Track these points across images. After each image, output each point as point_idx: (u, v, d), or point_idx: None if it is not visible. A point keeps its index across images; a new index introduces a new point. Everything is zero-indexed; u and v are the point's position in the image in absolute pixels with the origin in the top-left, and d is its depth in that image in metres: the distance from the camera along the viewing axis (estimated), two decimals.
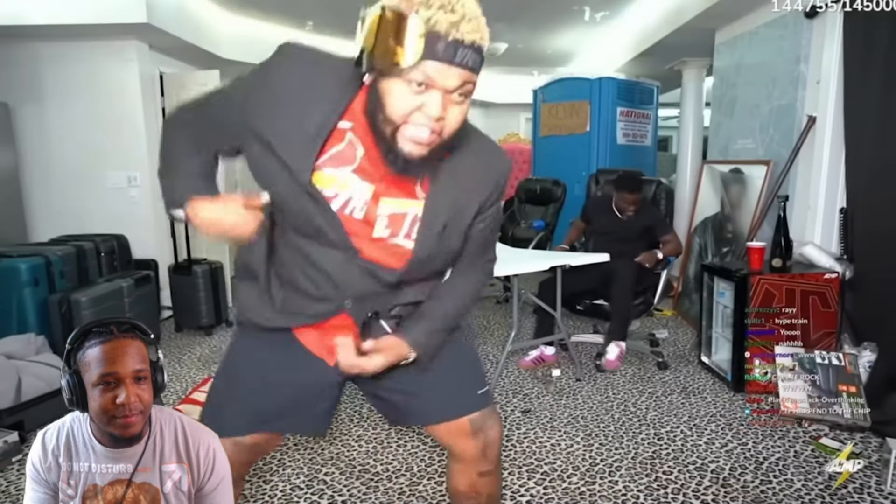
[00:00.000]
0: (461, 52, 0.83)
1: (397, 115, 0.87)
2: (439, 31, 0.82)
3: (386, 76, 0.86)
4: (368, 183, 0.99)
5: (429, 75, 0.84)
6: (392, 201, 1.01)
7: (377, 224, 1.02)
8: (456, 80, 0.85)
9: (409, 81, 0.85)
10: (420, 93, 0.86)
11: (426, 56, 0.82)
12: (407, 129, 0.88)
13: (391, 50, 0.82)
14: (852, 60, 2.69)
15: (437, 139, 0.90)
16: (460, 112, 0.90)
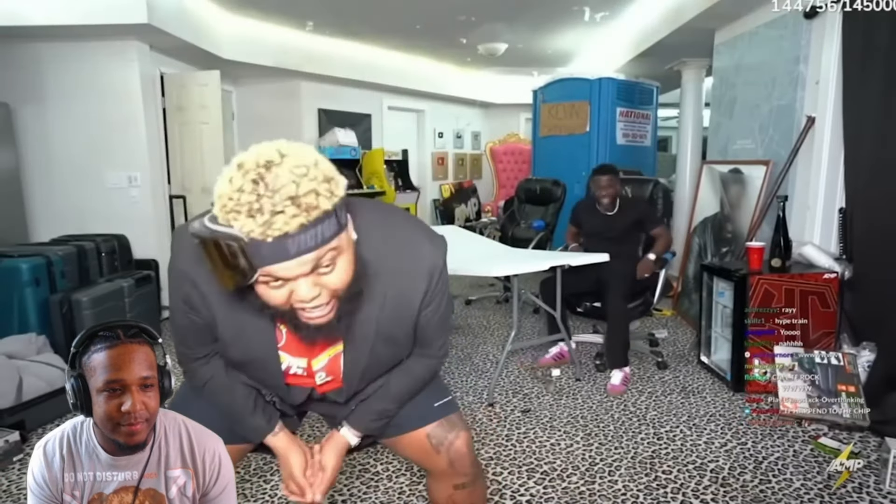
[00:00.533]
0: (292, 244, 0.77)
1: (280, 304, 0.86)
2: (256, 239, 0.76)
3: None
4: (297, 357, 1.09)
5: (276, 276, 0.81)
6: (322, 357, 1.10)
7: (317, 377, 1.13)
8: (306, 266, 0.81)
9: (265, 283, 0.83)
10: (282, 286, 0.83)
11: (259, 264, 0.78)
12: (298, 310, 0.88)
13: (224, 273, 0.79)
14: (851, 61, 2.69)
15: (335, 302, 0.89)
16: (339, 273, 0.86)
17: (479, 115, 8.78)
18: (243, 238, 0.76)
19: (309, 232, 0.78)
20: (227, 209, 0.76)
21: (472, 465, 1.24)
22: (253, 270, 0.78)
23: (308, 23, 5.26)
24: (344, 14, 4.99)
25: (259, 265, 0.78)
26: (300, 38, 5.54)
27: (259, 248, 0.77)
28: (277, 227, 0.75)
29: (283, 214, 0.75)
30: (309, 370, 1.12)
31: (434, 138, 8.04)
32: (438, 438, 1.21)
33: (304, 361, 1.10)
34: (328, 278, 0.85)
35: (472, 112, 8.60)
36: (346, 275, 0.87)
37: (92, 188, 3.98)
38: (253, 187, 0.75)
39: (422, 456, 1.24)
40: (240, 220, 0.75)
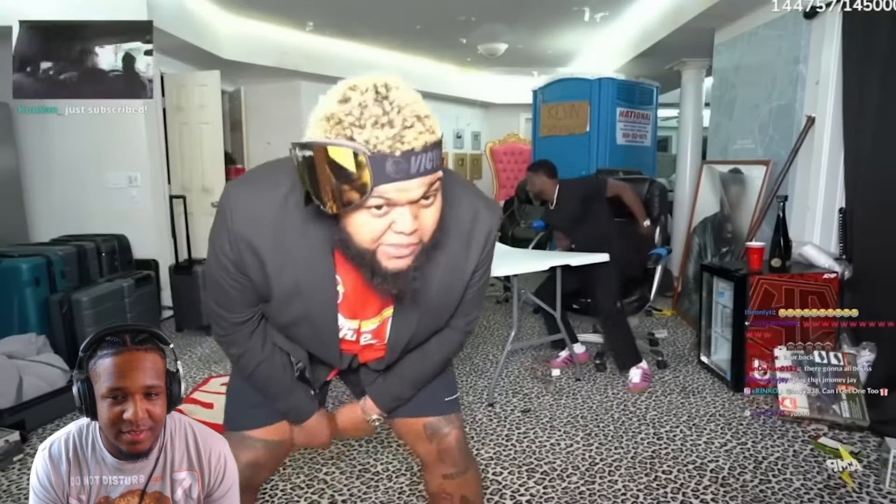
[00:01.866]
0: (415, 161, 0.75)
1: (369, 242, 0.82)
2: (383, 151, 0.74)
3: None
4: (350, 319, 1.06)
5: (388, 198, 0.77)
6: (374, 321, 1.07)
7: (362, 338, 1.10)
8: (419, 190, 0.78)
9: (368, 209, 0.79)
10: (384, 214, 0.79)
11: (377, 181, 0.74)
12: (383, 250, 0.83)
13: (336, 189, 0.75)
14: (851, 61, 2.69)
15: (418, 246, 0.85)
16: (434, 210, 0.84)
17: (479, 115, 8.78)
18: (367, 151, 0.73)
19: (429, 154, 0.76)
20: (346, 124, 0.74)
21: (461, 458, 1.28)
22: (370, 187, 0.74)
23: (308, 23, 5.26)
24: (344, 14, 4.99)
25: (378, 183, 0.74)
26: (300, 38, 5.54)
27: (382, 164, 0.74)
28: (407, 140, 0.74)
29: (412, 129, 0.74)
30: (358, 332, 1.08)
31: None
32: (434, 429, 1.25)
33: (355, 324, 1.06)
34: (425, 213, 0.82)
35: (472, 112, 8.61)
36: (437, 215, 0.85)
37: (92, 188, 3.98)
38: (377, 102, 0.74)
39: (414, 440, 1.28)
40: (365, 133, 0.73)
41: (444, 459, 1.26)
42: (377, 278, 0.86)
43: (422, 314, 1.04)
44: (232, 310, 1.05)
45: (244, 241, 0.93)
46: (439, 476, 1.28)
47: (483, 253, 1.03)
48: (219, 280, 1.00)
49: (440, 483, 1.29)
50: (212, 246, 0.99)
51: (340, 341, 1.08)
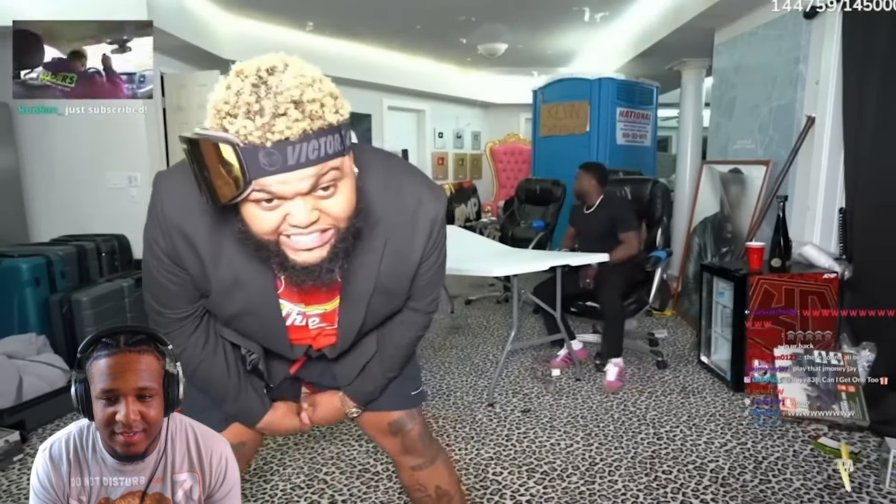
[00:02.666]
0: (291, 152, 0.70)
1: (266, 233, 0.78)
2: (254, 143, 0.69)
3: None
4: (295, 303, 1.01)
5: (271, 191, 0.73)
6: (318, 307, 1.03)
7: (310, 323, 1.05)
8: (305, 182, 0.73)
9: (256, 202, 0.75)
10: (275, 207, 0.75)
11: (253, 174, 0.70)
12: (285, 241, 0.79)
13: (214, 183, 0.71)
14: (851, 61, 2.69)
15: (330, 234, 0.80)
16: (340, 199, 0.78)
17: (479, 115, 8.78)
18: (238, 142, 0.69)
19: (311, 143, 0.71)
20: (222, 114, 0.70)
21: (426, 449, 1.29)
22: (247, 181, 0.70)
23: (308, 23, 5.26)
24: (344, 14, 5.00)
25: (254, 176, 0.70)
26: (300, 38, 5.54)
27: (255, 156, 0.69)
28: (278, 129, 0.69)
29: (285, 117, 0.69)
30: (305, 316, 1.05)
31: (434, 138, 8.04)
32: (398, 425, 1.25)
33: (301, 307, 1.02)
34: (328, 203, 0.77)
35: (472, 112, 8.61)
36: (347, 203, 0.79)
37: (92, 188, 3.98)
38: (253, 90, 0.70)
39: (378, 435, 1.29)
40: (236, 123, 0.69)
41: (409, 452, 1.27)
42: (287, 271, 0.82)
43: (370, 299, 1.01)
44: (169, 305, 1.01)
45: (177, 231, 0.90)
46: (408, 468, 1.30)
47: (430, 241, 1.00)
48: (154, 274, 0.97)
49: (410, 475, 1.30)
50: (146, 239, 0.95)
51: (289, 328, 1.04)
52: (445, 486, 1.32)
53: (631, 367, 3.15)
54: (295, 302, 1.01)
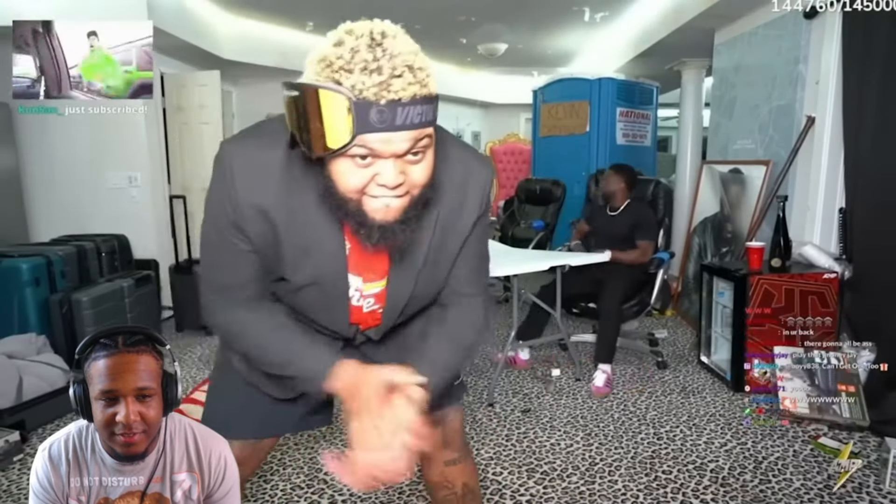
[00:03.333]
0: (401, 113, 0.73)
1: (352, 191, 0.80)
2: (368, 98, 0.72)
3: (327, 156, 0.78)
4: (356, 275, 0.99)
5: (371, 148, 0.75)
6: (376, 283, 1.01)
7: (365, 304, 1.03)
8: (404, 143, 0.76)
9: (352, 157, 0.76)
10: (368, 165, 0.77)
11: (360, 129, 0.73)
12: (368, 201, 0.81)
13: (319, 133, 0.74)
14: (851, 61, 2.69)
15: (408, 200, 0.82)
16: (424, 167, 0.81)
17: (479, 115, 8.78)
18: (352, 96, 0.72)
19: (417, 107, 0.74)
20: (335, 67, 0.72)
21: (462, 443, 1.27)
22: (352, 134, 0.73)
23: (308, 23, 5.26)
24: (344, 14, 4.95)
25: (362, 131, 0.73)
26: (300, 38, 5.54)
27: (367, 111, 0.72)
28: (394, 89, 0.72)
29: (401, 79, 0.72)
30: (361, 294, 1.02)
31: None
32: (441, 415, 1.20)
33: (359, 282, 1.00)
34: (414, 169, 0.80)
35: (472, 112, 8.61)
36: (429, 171, 0.82)
37: (92, 188, 3.98)
38: (369, 49, 0.72)
39: None
40: (352, 78, 0.71)
41: (448, 444, 1.23)
42: (363, 230, 0.83)
43: (419, 271, 1.00)
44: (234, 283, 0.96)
45: (247, 199, 0.88)
46: (441, 464, 1.25)
47: (481, 208, 1.01)
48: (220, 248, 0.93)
49: (442, 471, 1.26)
50: (209, 212, 0.92)
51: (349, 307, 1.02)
52: (472, 484, 1.30)
53: (631, 367, 3.15)
54: (357, 273, 0.99)
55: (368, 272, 0.99)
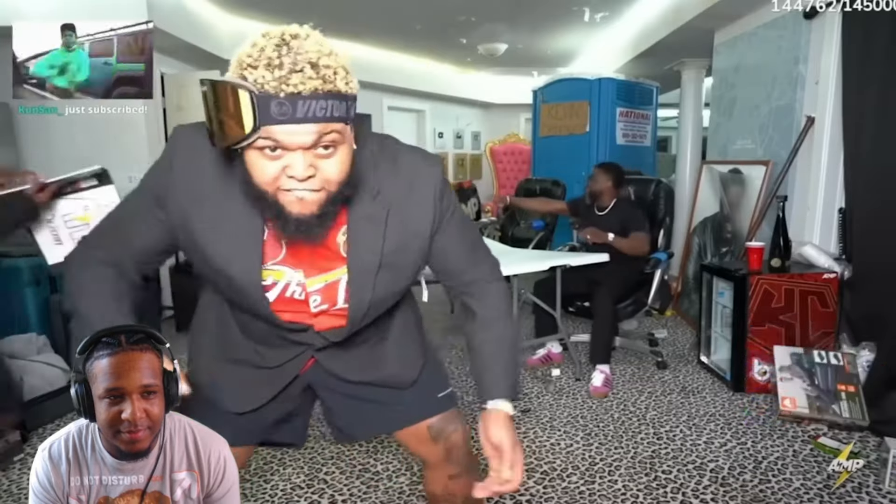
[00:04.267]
0: (301, 106, 0.77)
1: (267, 182, 0.84)
2: (269, 92, 0.77)
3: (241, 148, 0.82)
4: (296, 269, 1.01)
5: (277, 140, 0.79)
6: (319, 278, 1.02)
7: (311, 301, 1.04)
8: (308, 136, 0.80)
9: (260, 149, 0.81)
10: (277, 157, 0.81)
11: (264, 121, 0.77)
12: (283, 194, 0.85)
13: (226, 124, 0.79)
14: (851, 61, 2.69)
15: (323, 195, 0.86)
16: (336, 162, 0.84)
17: (479, 115, 8.78)
18: (255, 90, 0.77)
19: (320, 102, 0.79)
20: (244, 65, 0.78)
21: (465, 457, 1.26)
22: (256, 126, 0.78)
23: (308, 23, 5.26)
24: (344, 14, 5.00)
25: (264, 123, 0.78)
26: None
27: (268, 104, 0.77)
28: (293, 82, 0.77)
29: (300, 73, 0.77)
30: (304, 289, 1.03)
31: (434, 138, 8.04)
32: (437, 430, 1.22)
33: (300, 275, 1.01)
34: (325, 163, 0.84)
35: (472, 112, 8.61)
36: (342, 167, 0.86)
37: None
38: (276, 48, 0.78)
39: (419, 445, 1.26)
40: (255, 73, 0.77)
41: (450, 459, 1.24)
42: (279, 221, 0.87)
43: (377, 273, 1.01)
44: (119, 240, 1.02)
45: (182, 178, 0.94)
46: (445, 477, 1.26)
47: (437, 208, 1.02)
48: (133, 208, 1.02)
49: (446, 485, 1.26)
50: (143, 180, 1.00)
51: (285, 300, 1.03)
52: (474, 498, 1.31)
53: (631, 367, 3.15)
54: (294, 267, 1.01)
55: (310, 267, 1.01)
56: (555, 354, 3.21)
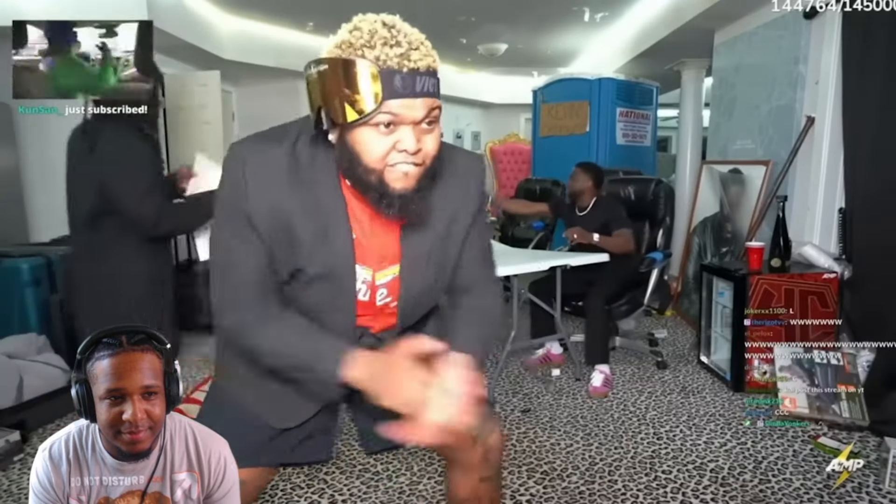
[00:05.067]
0: (419, 80, 0.83)
1: (376, 161, 0.87)
2: (392, 67, 0.81)
3: (350, 128, 0.85)
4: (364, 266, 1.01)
5: (394, 113, 0.83)
6: (388, 271, 1.04)
7: (377, 296, 1.05)
8: (422, 110, 0.85)
9: (376, 125, 0.84)
10: (390, 132, 0.85)
11: (386, 96, 0.82)
12: (389, 171, 0.88)
13: (349, 100, 0.82)
14: (851, 61, 2.69)
15: (422, 169, 0.90)
16: (434, 138, 0.90)
17: (479, 115, 8.78)
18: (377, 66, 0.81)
19: (432, 78, 0.84)
20: (357, 46, 0.82)
21: (499, 460, 1.27)
22: (380, 99, 0.81)
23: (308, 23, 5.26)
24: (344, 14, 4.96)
25: (388, 97, 0.81)
26: (300, 38, 5.55)
27: (391, 79, 0.81)
28: (414, 58, 0.82)
29: (417, 51, 0.83)
30: (372, 285, 1.03)
31: None
32: (479, 431, 1.18)
33: (368, 273, 1.02)
34: (428, 138, 0.88)
35: (472, 112, 8.61)
36: (438, 143, 0.91)
37: None
38: (387, 28, 0.83)
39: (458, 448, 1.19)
40: (375, 51, 0.81)
41: (487, 460, 1.21)
42: (385, 200, 0.89)
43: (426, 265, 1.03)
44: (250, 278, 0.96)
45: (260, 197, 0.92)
46: (476, 479, 1.22)
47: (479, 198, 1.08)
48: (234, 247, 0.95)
49: (476, 487, 1.23)
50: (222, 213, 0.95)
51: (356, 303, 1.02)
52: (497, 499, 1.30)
53: (631, 367, 3.15)
54: (364, 264, 1.01)
55: (378, 259, 1.02)
56: (554, 355, 3.22)
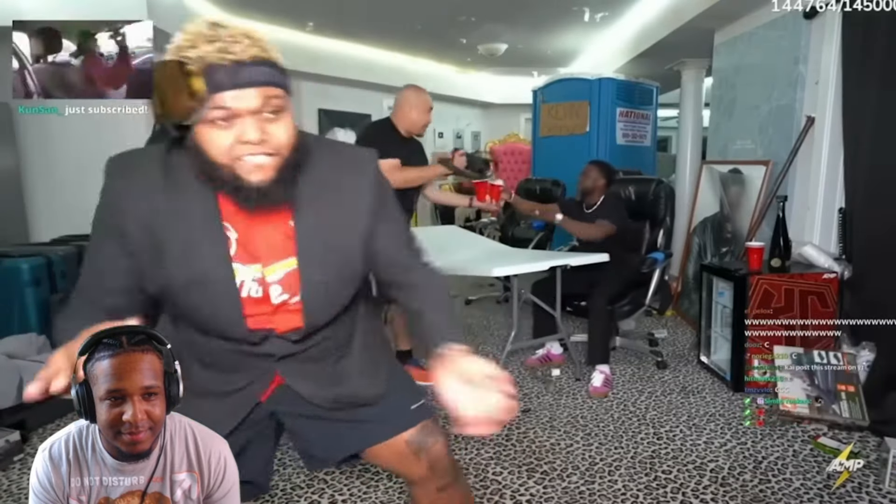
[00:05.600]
0: (244, 71, 0.84)
1: (222, 155, 0.87)
2: (212, 63, 0.83)
3: (193, 128, 0.87)
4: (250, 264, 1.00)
5: (227, 106, 0.84)
6: (278, 265, 1.01)
7: (272, 293, 1.02)
8: (256, 99, 0.86)
9: (213, 121, 0.86)
10: (230, 126, 0.86)
11: (212, 90, 0.83)
12: (239, 164, 0.88)
13: (179, 100, 0.83)
14: (851, 61, 2.69)
15: (278, 160, 0.90)
16: (282, 127, 0.90)
17: (479, 115, 8.79)
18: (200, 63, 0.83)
19: (261, 68, 0.86)
20: (182, 48, 0.84)
21: (450, 467, 1.24)
22: (205, 97, 0.83)
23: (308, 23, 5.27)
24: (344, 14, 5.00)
25: (213, 91, 0.83)
26: (300, 38, 5.55)
27: (213, 73, 0.83)
28: (234, 51, 0.84)
29: (239, 44, 0.84)
30: (263, 283, 1.01)
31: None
32: (417, 443, 1.18)
33: (257, 269, 1.00)
34: (274, 129, 0.89)
35: (472, 112, 8.61)
36: (289, 132, 0.91)
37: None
38: (209, 26, 0.86)
39: (401, 463, 1.21)
40: (196, 50, 0.83)
41: (436, 472, 1.20)
42: (241, 193, 0.90)
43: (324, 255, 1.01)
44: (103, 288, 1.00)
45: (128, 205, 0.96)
46: (433, 491, 1.22)
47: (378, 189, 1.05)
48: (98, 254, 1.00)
49: (436, 498, 1.23)
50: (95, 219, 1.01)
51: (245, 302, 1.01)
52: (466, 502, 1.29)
53: (631, 367, 3.15)
54: (249, 262, 1.00)
55: (267, 253, 1.00)
56: (554, 355, 3.22)
